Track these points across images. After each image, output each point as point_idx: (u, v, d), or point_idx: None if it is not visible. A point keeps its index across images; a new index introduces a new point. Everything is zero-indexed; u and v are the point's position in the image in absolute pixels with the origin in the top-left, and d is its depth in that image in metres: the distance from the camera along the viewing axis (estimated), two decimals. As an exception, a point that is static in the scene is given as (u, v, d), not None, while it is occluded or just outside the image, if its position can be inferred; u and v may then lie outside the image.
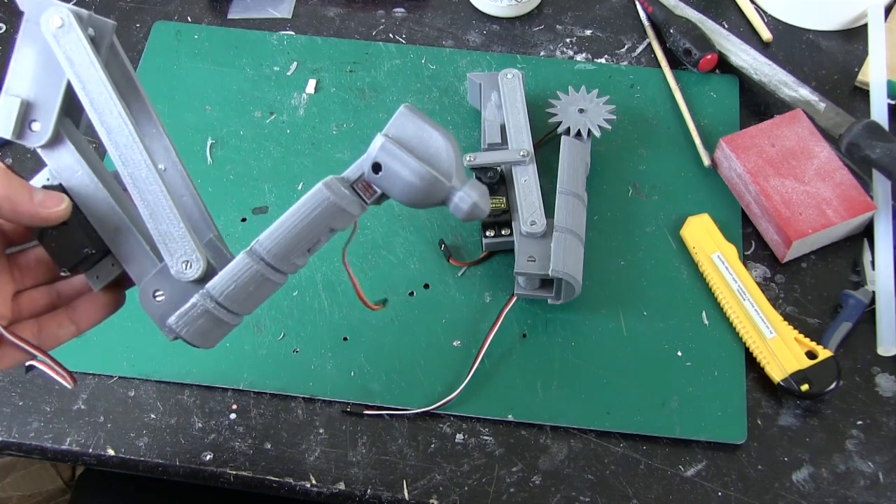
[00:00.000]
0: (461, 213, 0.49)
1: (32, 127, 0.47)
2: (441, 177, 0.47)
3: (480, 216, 0.49)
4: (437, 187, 0.48)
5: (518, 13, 0.83)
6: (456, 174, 0.48)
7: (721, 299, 0.66)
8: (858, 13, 0.80)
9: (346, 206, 0.48)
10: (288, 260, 0.48)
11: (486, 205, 0.49)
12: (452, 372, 0.65)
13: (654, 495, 0.60)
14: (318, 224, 0.47)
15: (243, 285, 0.47)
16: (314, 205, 0.47)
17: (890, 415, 0.63)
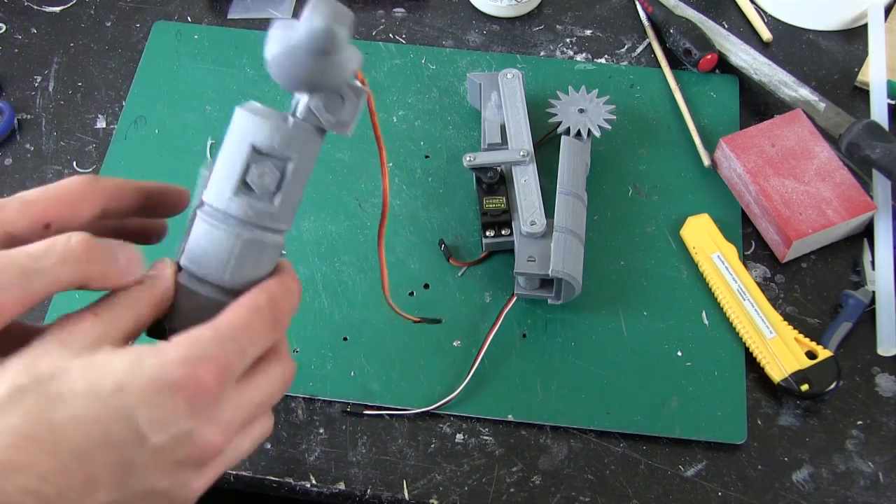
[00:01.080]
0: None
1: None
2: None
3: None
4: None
5: (518, 13, 0.83)
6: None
7: (721, 299, 0.66)
8: (858, 13, 0.80)
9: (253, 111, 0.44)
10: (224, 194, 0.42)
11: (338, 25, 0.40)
12: (452, 372, 0.65)
13: (654, 495, 0.60)
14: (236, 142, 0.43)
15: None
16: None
17: (890, 415, 0.63)
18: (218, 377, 0.38)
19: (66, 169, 0.75)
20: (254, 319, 0.40)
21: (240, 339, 0.40)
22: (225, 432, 0.40)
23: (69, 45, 0.83)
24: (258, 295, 0.41)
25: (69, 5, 0.85)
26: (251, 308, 0.41)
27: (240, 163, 0.42)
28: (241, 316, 0.40)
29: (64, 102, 0.79)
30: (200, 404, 0.38)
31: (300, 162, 0.43)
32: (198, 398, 0.38)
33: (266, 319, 0.41)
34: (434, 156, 0.75)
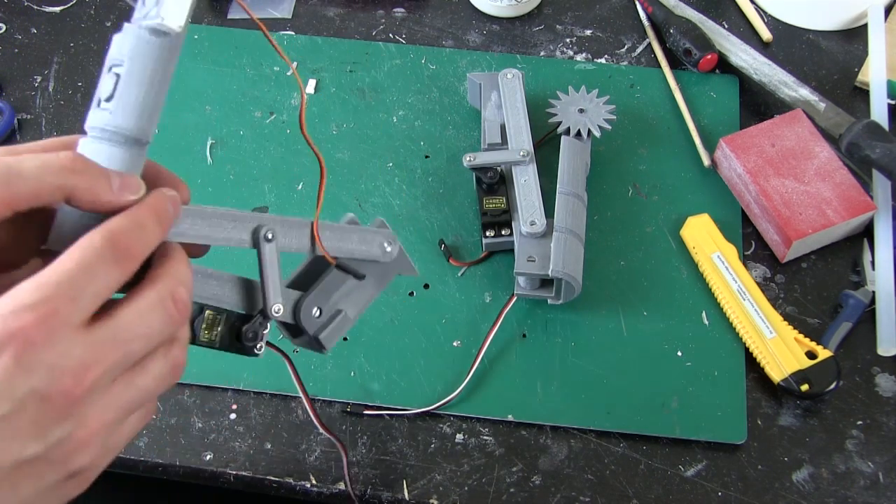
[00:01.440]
0: None
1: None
2: None
3: None
4: None
5: (518, 13, 0.83)
6: None
7: (721, 299, 0.66)
8: (858, 13, 0.80)
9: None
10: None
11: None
12: (452, 372, 0.65)
13: (654, 495, 0.60)
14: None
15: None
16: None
17: (890, 415, 0.63)
18: (40, 322, 0.35)
19: (66, 169, 0.75)
20: (84, 257, 0.37)
21: (67, 281, 0.37)
22: (76, 376, 0.36)
23: (69, 45, 0.83)
24: (93, 233, 0.39)
25: (69, 5, 0.85)
26: (81, 247, 0.38)
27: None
28: (67, 258, 0.37)
29: (64, 102, 0.79)
30: (28, 356, 0.35)
31: (133, 64, 0.43)
32: (24, 350, 0.35)
33: (102, 253, 0.38)
34: (434, 156, 0.75)
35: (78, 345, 0.37)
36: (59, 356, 0.36)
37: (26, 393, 0.35)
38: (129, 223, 0.40)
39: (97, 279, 0.38)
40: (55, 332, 0.36)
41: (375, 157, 0.75)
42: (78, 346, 0.37)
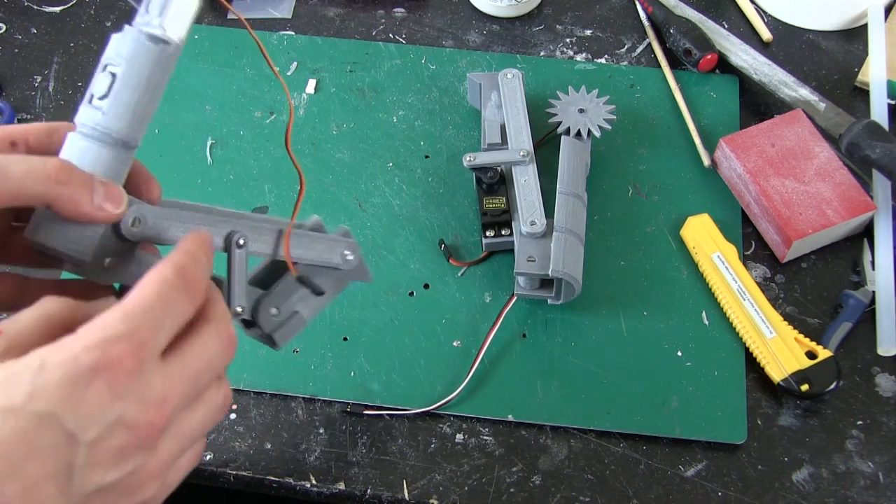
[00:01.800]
0: None
1: None
2: None
3: None
4: None
5: (518, 13, 0.83)
6: None
7: (721, 299, 0.66)
8: (858, 13, 0.80)
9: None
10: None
11: None
12: (452, 372, 0.65)
13: (654, 495, 0.60)
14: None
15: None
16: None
17: (890, 415, 0.63)
18: (133, 352, 0.37)
19: (66, 169, 0.75)
20: (162, 290, 0.39)
21: (150, 312, 0.38)
22: (159, 407, 0.38)
23: (69, 45, 0.83)
24: (162, 267, 0.40)
25: (69, 5, 0.85)
26: (157, 280, 0.39)
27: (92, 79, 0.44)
28: (147, 291, 0.39)
29: (64, 102, 0.79)
30: (121, 385, 0.36)
31: (130, 68, 0.43)
32: (117, 379, 0.36)
33: (176, 287, 0.39)
34: (434, 156, 0.75)
35: (158, 376, 0.38)
36: (144, 387, 0.37)
37: (114, 420, 0.36)
38: (190, 257, 0.41)
39: (174, 311, 0.39)
40: (143, 364, 0.37)
41: (375, 157, 0.75)
42: (158, 378, 0.38)
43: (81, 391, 0.35)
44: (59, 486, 0.35)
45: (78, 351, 0.36)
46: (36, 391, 0.35)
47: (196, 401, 0.41)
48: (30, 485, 0.34)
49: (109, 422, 0.36)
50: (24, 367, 0.36)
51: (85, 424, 0.35)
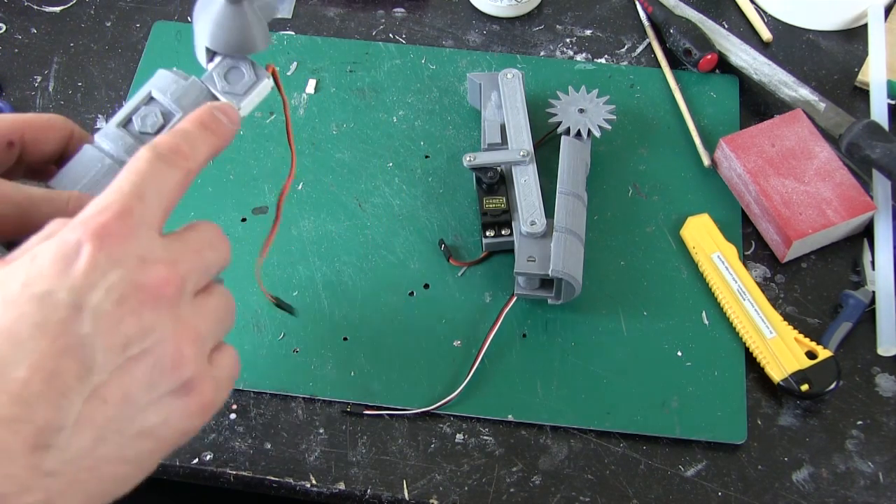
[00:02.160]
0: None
1: None
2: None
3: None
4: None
5: (518, 13, 0.83)
6: None
7: (721, 299, 0.66)
8: (858, 13, 0.80)
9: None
10: None
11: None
12: (452, 372, 0.65)
13: (654, 495, 0.60)
14: None
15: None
16: None
17: (890, 415, 0.63)
18: (118, 218, 0.36)
19: (66, 169, 0.75)
20: (138, 166, 0.39)
21: (129, 185, 0.38)
22: (168, 266, 0.37)
23: (69, 45, 0.83)
24: (139, 150, 0.40)
25: (69, 5, 0.85)
26: (131, 161, 0.39)
27: (134, 102, 0.45)
28: (123, 173, 0.39)
29: (64, 102, 0.79)
30: (113, 248, 0.36)
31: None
32: (107, 243, 0.35)
33: (153, 160, 0.39)
34: (434, 156, 0.75)
35: (158, 245, 0.38)
36: (145, 250, 0.37)
37: (117, 283, 0.35)
38: (169, 133, 0.42)
39: (156, 179, 0.39)
40: (134, 229, 0.37)
41: (375, 157, 0.75)
42: (159, 246, 0.38)
43: (73, 263, 0.35)
44: (80, 362, 0.34)
45: (64, 232, 0.36)
46: (29, 278, 0.35)
47: (208, 288, 0.40)
48: (47, 364, 0.33)
49: (112, 286, 0.35)
50: (18, 263, 0.36)
51: (84, 293, 0.35)
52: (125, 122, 0.45)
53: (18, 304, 0.34)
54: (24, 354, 0.33)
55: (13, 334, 0.34)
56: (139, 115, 0.45)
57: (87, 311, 0.35)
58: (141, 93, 0.46)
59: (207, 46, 0.47)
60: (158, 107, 0.46)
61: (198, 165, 0.42)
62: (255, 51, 0.48)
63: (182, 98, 0.46)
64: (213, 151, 0.43)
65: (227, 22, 0.47)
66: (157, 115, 0.45)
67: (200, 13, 0.48)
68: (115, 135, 0.45)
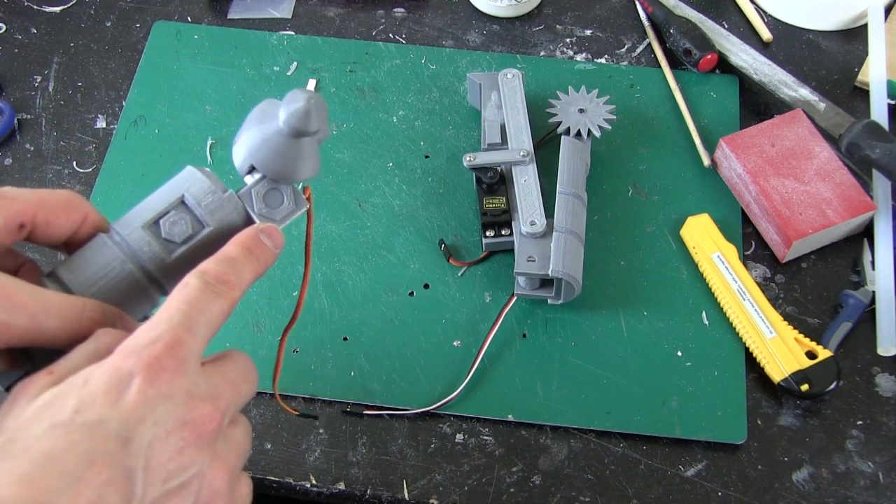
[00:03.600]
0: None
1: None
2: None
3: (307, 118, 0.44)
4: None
5: (518, 13, 0.83)
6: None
7: (721, 299, 0.66)
8: (858, 13, 0.80)
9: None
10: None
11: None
12: (452, 372, 0.65)
13: (654, 495, 0.60)
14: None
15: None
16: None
17: (890, 415, 0.63)
18: (170, 351, 0.37)
19: (65, 169, 0.75)
20: (188, 294, 0.39)
21: (180, 315, 0.38)
22: (212, 402, 0.38)
23: (69, 45, 0.83)
24: (186, 277, 0.40)
25: (69, 5, 0.85)
26: (178, 289, 0.40)
27: (163, 204, 0.43)
28: (174, 298, 0.39)
29: (64, 102, 0.79)
30: (164, 383, 0.36)
31: (216, 233, 0.44)
32: (159, 377, 0.36)
33: (200, 288, 0.40)
34: (434, 156, 0.75)
35: (203, 378, 0.38)
36: (192, 385, 0.37)
37: (166, 419, 0.36)
38: (216, 260, 0.41)
39: (205, 311, 0.39)
40: (184, 363, 0.37)
41: (375, 157, 0.75)
42: (203, 380, 0.38)
43: (125, 394, 0.36)
44: (122, 494, 0.34)
45: (117, 359, 0.36)
46: (81, 404, 0.35)
47: (235, 420, 0.41)
48: (91, 496, 0.33)
49: (160, 420, 0.36)
50: (70, 385, 0.36)
51: (134, 426, 0.35)
52: (152, 224, 0.43)
53: (69, 431, 0.34)
54: (71, 484, 0.34)
55: (62, 462, 0.34)
56: (168, 221, 0.43)
57: (135, 444, 0.35)
58: (172, 193, 0.44)
59: (254, 165, 0.45)
60: (189, 214, 0.43)
61: (241, 293, 0.42)
62: (303, 180, 0.46)
63: (216, 212, 0.43)
64: (257, 278, 0.43)
65: (284, 151, 0.44)
66: (187, 225, 0.43)
67: (254, 125, 0.45)
68: (141, 238, 0.42)
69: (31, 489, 0.33)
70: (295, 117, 0.43)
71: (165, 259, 0.43)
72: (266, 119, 0.44)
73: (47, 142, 0.77)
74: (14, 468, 0.33)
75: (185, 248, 0.43)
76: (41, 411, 0.35)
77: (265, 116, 0.44)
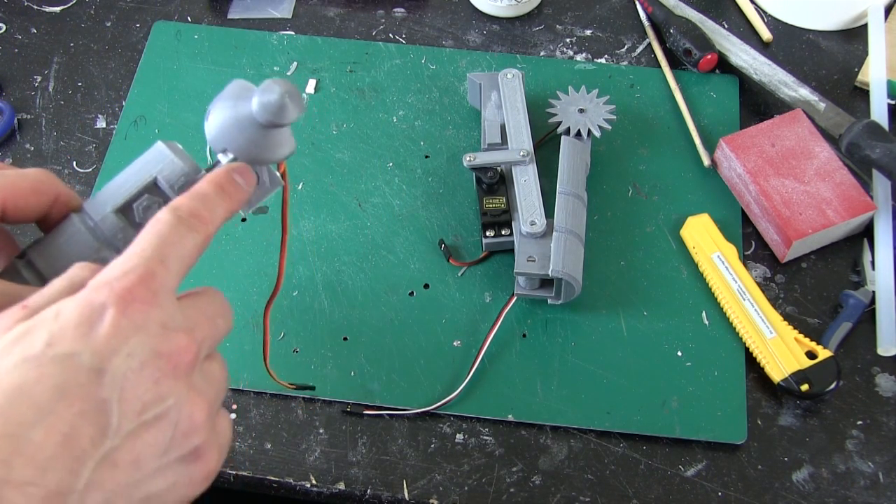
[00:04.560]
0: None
1: None
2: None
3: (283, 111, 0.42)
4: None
5: (518, 13, 0.83)
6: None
7: (721, 299, 0.66)
8: (858, 13, 0.80)
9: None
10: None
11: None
12: (452, 372, 0.65)
13: (654, 495, 0.60)
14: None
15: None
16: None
17: (890, 415, 0.63)
18: (142, 282, 0.36)
19: (66, 169, 0.75)
20: (160, 229, 0.39)
21: (151, 249, 0.38)
22: (187, 334, 0.37)
23: (69, 45, 0.83)
24: (158, 212, 0.40)
25: (69, 5, 0.85)
26: (151, 224, 0.39)
27: (135, 187, 0.42)
28: (143, 234, 0.38)
29: (64, 102, 0.79)
30: (137, 314, 0.36)
31: None
32: (132, 308, 0.36)
33: (172, 223, 0.39)
34: (434, 156, 0.75)
35: (178, 311, 0.38)
36: (167, 317, 0.37)
37: (140, 350, 0.36)
38: (188, 196, 0.41)
39: (178, 244, 0.39)
40: (158, 294, 0.37)
41: (375, 157, 0.75)
42: (178, 312, 0.38)
43: (97, 326, 0.35)
44: (96, 426, 0.34)
45: (89, 292, 0.36)
46: (52, 337, 0.35)
47: (211, 355, 0.41)
48: (63, 428, 0.33)
49: (134, 352, 0.35)
50: (41, 319, 0.35)
51: (107, 357, 0.35)
52: (125, 209, 0.42)
53: (40, 364, 0.34)
54: (43, 416, 0.33)
55: (33, 395, 0.34)
56: (141, 206, 0.42)
57: (108, 375, 0.35)
58: (143, 174, 0.43)
59: (229, 150, 0.44)
60: (163, 197, 0.43)
61: (215, 229, 0.41)
62: (278, 161, 0.46)
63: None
64: (230, 215, 0.43)
65: (259, 140, 0.43)
66: (161, 209, 0.41)
67: (229, 109, 0.43)
68: (114, 225, 0.42)
69: (0, 421, 0.33)
70: (269, 111, 0.42)
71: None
72: (240, 105, 0.43)
73: (47, 142, 0.77)
74: None
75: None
76: (12, 345, 0.35)
77: (239, 101, 0.43)
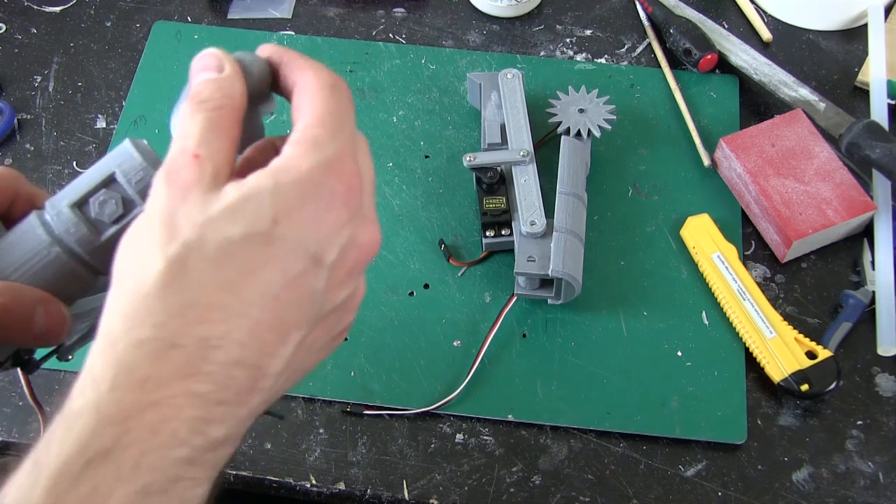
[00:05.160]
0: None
1: None
2: None
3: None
4: None
5: (518, 13, 0.83)
6: None
7: (721, 299, 0.66)
8: (858, 13, 0.80)
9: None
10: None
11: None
12: (452, 372, 0.65)
13: (654, 495, 0.60)
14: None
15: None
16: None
17: (890, 415, 0.63)
18: (354, 168, 0.36)
19: (66, 169, 0.75)
20: (339, 99, 0.38)
21: (340, 123, 0.37)
22: (376, 225, 0.38)
23: (69, 45, 0.83)
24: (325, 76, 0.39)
25: (69, 5, 0.85)
26: (328, 85, 0.39)
27: (93, 182, 0.41)
28: (330, 102, 0.38)
29: (64, 102, 0.79)
30: (353, 206, 0.36)
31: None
32: (350, 197, 0.36)
33: (346, 96, 0.39)
34: (434, 156, 0.75)
35: (368, 198, 0.39)
36: (367, 208, 0.38)
37: (347, 242, 0.37)
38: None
39: (349, 122, 0.39)
40: (361, 178, 0.37)
41: (375, 157, 0.74)
42: (368, 199, 0.39)
43: (322, 214, 0.35)
44: (303, 312, 0.35)
45: (307, 171, 0.35)
46: (278, 216, 0.34)
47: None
48: (283, 313, 0.34)
49: (344, 243, 0.36)
50: (257, 190, 0.34)
51: (327, 248, 0.35)
52: (81, 204, 0.40)
53: (271, 244, 0.34)
54: (266, 301, 0.34)
55: (261, 277, 0.34)
56: (97, 200, 0.40)
57: (325, 268, 0.35)
58: (102, 170, 0.41)
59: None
60: (120, 192, 0.40)
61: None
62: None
63: (147, 189, 0.39)
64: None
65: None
66: (118, 204, 0.40)
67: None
68: (69, 220, 0.40)
69: (227, 302, 0.33)
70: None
71: (95, 241, 0.40)
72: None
73: (47, 142, 0.77)
74: (212, 277, 0.33)
75: (116, 228, 0.40)
76: (231, 216, 0.34)
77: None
